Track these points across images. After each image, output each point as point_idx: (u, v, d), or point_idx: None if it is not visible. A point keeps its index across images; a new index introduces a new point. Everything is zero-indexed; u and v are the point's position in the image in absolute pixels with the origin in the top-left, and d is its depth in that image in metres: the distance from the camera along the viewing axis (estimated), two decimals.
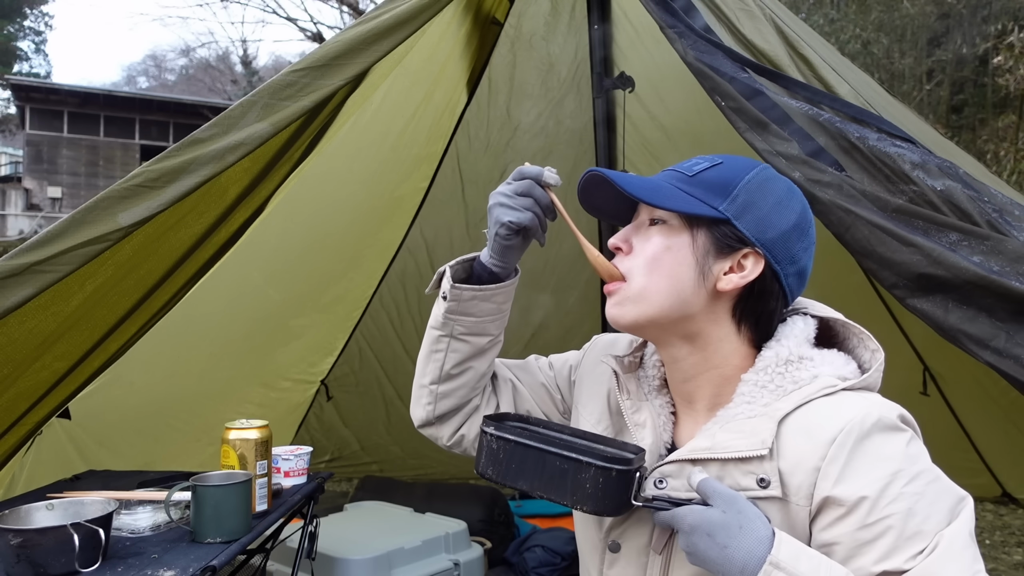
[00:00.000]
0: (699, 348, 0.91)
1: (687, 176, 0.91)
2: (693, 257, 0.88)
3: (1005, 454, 3.66)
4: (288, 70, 1.70)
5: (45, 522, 1.40)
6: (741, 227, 0.87)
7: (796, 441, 0.82)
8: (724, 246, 0.88)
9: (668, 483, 0.87)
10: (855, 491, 0.77)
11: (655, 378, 1.00)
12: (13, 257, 1.47)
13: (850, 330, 0.94)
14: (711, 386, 0.92)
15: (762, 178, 0.90)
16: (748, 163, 0.92)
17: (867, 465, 0.78)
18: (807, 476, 0.80)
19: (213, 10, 33.32)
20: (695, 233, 0.89)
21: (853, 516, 0.77)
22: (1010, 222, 1.49)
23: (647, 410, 0.96)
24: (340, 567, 2.38)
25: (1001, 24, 7.61)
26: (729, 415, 0.88)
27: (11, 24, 28.92)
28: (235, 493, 1.53)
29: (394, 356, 4.09)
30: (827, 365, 0.88)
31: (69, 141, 19.68)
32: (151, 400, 2.91)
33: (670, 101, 3.16)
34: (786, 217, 0.89)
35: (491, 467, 0.89)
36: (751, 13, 1.79)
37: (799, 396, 0.85)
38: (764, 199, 0.89)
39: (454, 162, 3.53)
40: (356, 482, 4.11)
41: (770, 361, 0.89)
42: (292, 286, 3.24)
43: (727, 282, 0.88)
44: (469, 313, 1.03)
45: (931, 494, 0.77)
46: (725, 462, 0.83)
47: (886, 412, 0.82)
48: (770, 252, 0.88)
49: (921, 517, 0.76)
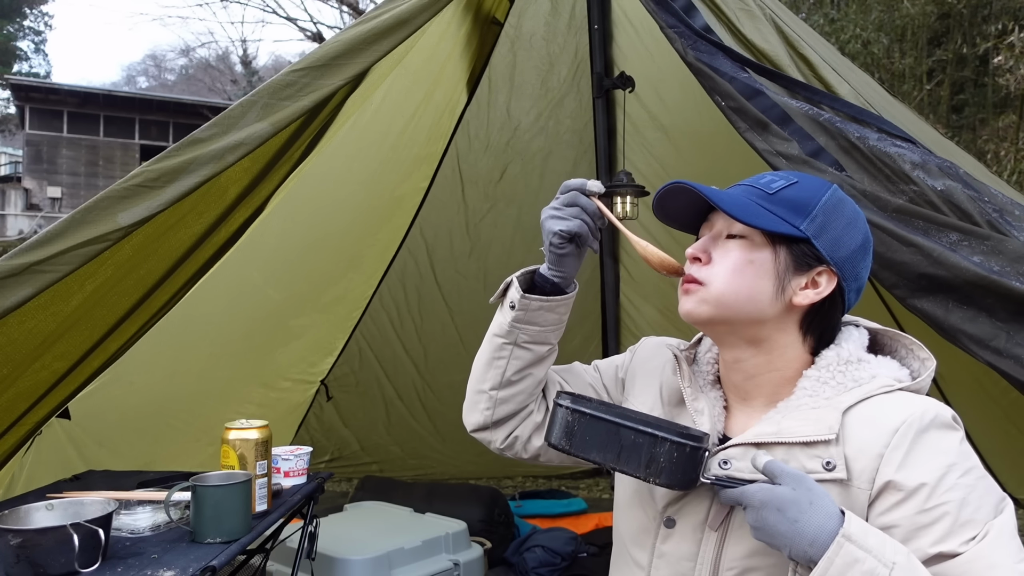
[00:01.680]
0: (764, 351, 0.96)
1: (767, 194, 0.94)
2: (775, 271, 0.93)
3: (1005, 454, 3.65)
4: (288, 70, 1.70)
5: (45, 522, 1.40)
6: (819, 246, 0.92)
7: (860, 429, 0.87)
8: (803, 264, 0.93)
9: (732, 464, 0.91)
10: (916, 477, 0.82)
11: (709, 373, 1.05)
12: (13, 257, 1.47)
13: (899, 341, 1.00)
14: (770, 386, 0.97)
15: (836, 199, 0.95)
16: (821, 183, 0.97)
17: (927, 455, 0.84)
18: (870, 461, 0.85)
19: (213, 10, 33.32)
20: (777, 249, 0.93)
21: (912, 501, 0.82)
22: (1010, 222, 1.49)
23: (704, 400, 1.01)
24: (340, 567, 2.38)
25: (1001, 24, 7.60)
26: (791, 406, 0.93)
27: (11, 24, 28.92)
28: (235, 493, 1.53)
29: (394, 356, 4.09)
30: (883, 368, 0.95)
31: (69, 141, 19.67)
32: (151, 400, 2.91)
33: (670, 101, 3.16)
34: (855, 237, 0.95)
35: (565, 438, 0.93)
36: (751, 13, 1.79)
37: (860, 392, 0.90)
38: (838, 219, 0.94)
39: (454, 162, 3.53)
40: (356, 482, 4.11)
41: (831, 360, 0.94)
42: (292, 286, 3.23)
43: (804, 297, 0.94)
44: (534, 323, 1.08)
45: (981, 488, 0.83)
46: (791, 446, 0.88)
47: (943, 411, 0.88)
48: (841, 270, 0.94)
49: (974, 507, 0.81)
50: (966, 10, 8.01)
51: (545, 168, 3.58)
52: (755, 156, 1.66)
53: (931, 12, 8.10)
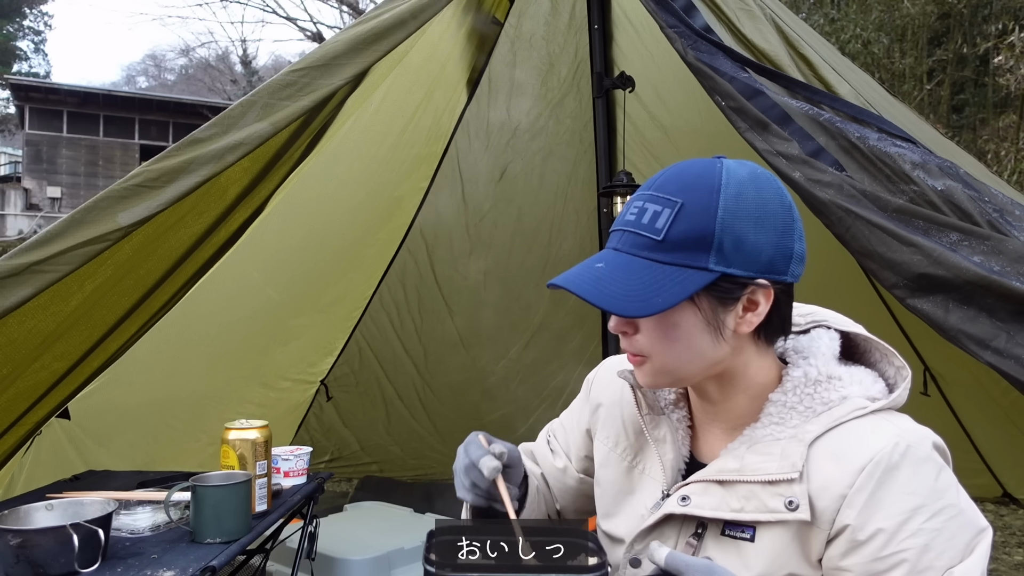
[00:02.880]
0: (727, 379, 0.90)
1: (655, 241, 0.81)
2: (704, 322, 0.83)
3: (1005, 454, 3.65)
4: (288, 70, 1.70)
5: (45, 522, 1.40)
6: (737, 271, 0.81)
7: (825, 466, 0.82)
8: (729, 298, 0.83)
9: (692, 500, 0.86)
10: (875, 523, 0.78)
11: (671, 392, 1.00)
12: (13, 257, 1.47)
13: (872, 345, 0.93)
14: (738, 407, 0.91)
15: (732, 200, 0.81)
16: (707, 188, 0.82)
17: (891, 497, 0.78)
18: (832, 502, 0.80)
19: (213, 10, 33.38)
20: (696, 300, 0.82)
21: (868, 547, 0.78)
22: (1011, 222, 1.49)
23: (665, 424, 0.96)
24: (340, 567, 2.39)
25: (1001, 24, 7.61)
26: (757, 435, 0.87)
27: (11, 24, 28.92)
28: (235, 493, 1.53)
29: (394, 356, 4.09)
30: (856, 385, 0.87)
31: (68, 141, 19.67)
32: (151, 400, 2.91)
33: (670, 101, 3.16)
34: (771, 226, 0.82)
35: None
36: (751, 13, 1.79)
37: (828, 419, 0.84)
38: (744, 226, 0.80)
39: (454, 162, 3.53)
40: (356, 482, 4.11)
41: (799, 381, 0.87)
42: (292, 286, 3.23)
43: (747, 324, 0.85)
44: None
45: (950, 530, 0.78)
46: (753, 484, 0.83)
47: (918, 441, 0.81)
48: (773, 273, 0.83)
49: (936, 552, 0.76)
50: (966, 10, 8.01)
51: (545, 168, 3.58)
52: (755, 156, 1.66)
53: (931, 12, 8.10)
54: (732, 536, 0.84)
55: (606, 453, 1.03)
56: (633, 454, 0.99)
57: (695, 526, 0.87)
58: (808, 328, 0.94)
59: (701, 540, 0.86)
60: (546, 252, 3.81)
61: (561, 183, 3.62)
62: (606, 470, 1.02)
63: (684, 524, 0.88)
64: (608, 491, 1.00)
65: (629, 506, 0.97)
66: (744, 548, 0.83)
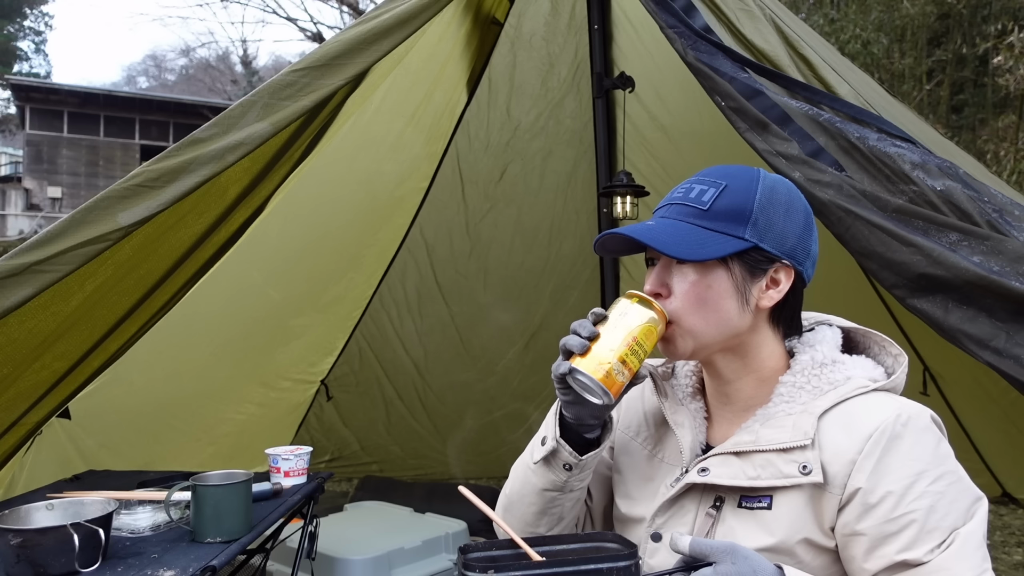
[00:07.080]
0: (740, 356, 0.98)
1: (701, 210, 0.94)
2: (733, 287, 0.93)
3: (1005, 454, 3.65)
4: (288, 70, 1.70)
5: (45, 522, 1.40)
6: (767, 247, 0.93)
7: (835, 434, 0.88)
8: (757, 269, 0.94)
9: (711, 471, 0.92)
10: (884, 486, 0.84)
11: (688, 386, 1.07)
12: (13, 257, 1.47)
13: (871, 339, 1.01)
14: (749, 388, 0.99)
15: (768, 189, 0.94)
16: (748, 176, 0.96)
17: (897, 462, 0.85)
18: (843, 467, 0.86)
19: (213, 10, 33.35)
20: (730, 265, 0.93)
21: (879, 509, 0.84)
22: (1010, 222, 1.49)
23: (684, 413, 1.03)
24: (340, 567, 2.39)
25: (1001, 24, 7.61)
26: (769, 413, 0.94)
27: (11, 24, 28.91)
28: (235, 493, 1.53)
29: (394, 356, 4.09)
30: (858, 368, 0.95)
31: (69, 141, 19.67)
32: (151, 400, 2.91)
33: (670, 101, 3.16)
34: (797, 220, 0.95)
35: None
36: (751, 13, 1.79)
37: (835, 395, 0.92)
38: (776, 212, 0.94)
39: (454, 162, 3.54)
40: (356, 482, 4.11)
41: (806, 364, 0.96)
42: (292, 286, 3.24)
43: (768, 299, 0.95)
44: (588, 467, 1.04)
45: (952, 494, 0.84)
46: (769, 452, 0.90)
47: (918, 413, 0.88)
48: (793, 259, 0.94)
49: (941, 514, 0.83)
50: (966, 10, 8.02)
51: (545, 168, 3.59)
52: (755, 156, 1.66)
53: (931, 12, 8.11)
54: (749, 507, 0.90)
55: (627, 441, 1.09)
56: (653, 443, 1.06)
57: (713, 499, 0.93)
58: (812, 327, 1.03)
59: (720, 511, 0.92)
60: (546, 252, 3.82)
61: (561, 183, 3.63)
62: (627, 457, 1.09)
63: (703, 497, 0.94)
64: (628, 476, 1.07)
65: (649, 489, 1.02)
66: (763, 516, 0.89)
